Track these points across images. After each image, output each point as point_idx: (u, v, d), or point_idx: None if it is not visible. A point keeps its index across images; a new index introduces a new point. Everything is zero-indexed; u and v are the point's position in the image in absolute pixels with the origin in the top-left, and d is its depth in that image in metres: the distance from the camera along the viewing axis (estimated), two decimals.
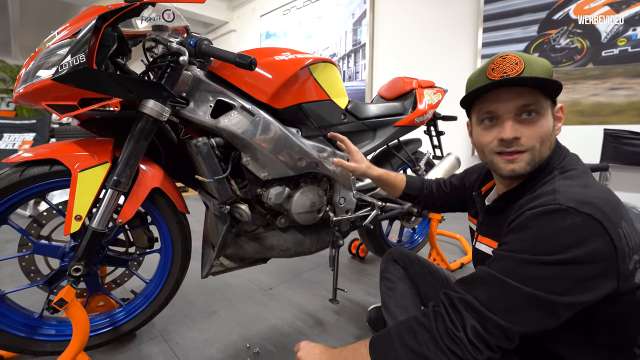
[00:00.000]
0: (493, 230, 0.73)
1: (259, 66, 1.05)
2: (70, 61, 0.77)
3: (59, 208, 0.98)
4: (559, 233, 0.51)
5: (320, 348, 0.69)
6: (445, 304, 0.57)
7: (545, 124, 0.63)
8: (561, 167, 0.63)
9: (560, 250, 0.50)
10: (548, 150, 0.64)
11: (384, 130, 1.45)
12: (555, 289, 0.50)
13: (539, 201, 0.56)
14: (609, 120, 2.57)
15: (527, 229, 0.54)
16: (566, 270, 0.50)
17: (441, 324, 0.55)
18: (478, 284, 0.56)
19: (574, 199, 0.53)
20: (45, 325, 1.02)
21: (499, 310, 0.52)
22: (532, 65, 0.62)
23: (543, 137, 0.63)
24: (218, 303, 1.48)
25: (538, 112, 0.62)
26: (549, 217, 0.53)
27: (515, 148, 0.64)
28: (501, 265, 0.55)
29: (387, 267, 1.07)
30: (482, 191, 0.84)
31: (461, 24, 3.29)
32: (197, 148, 0.98)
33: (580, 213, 0.51)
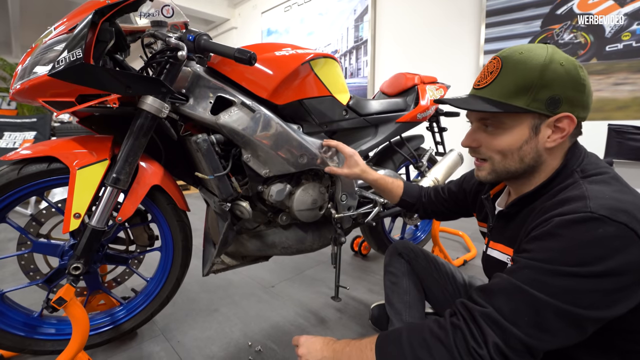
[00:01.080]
0: (507, 236, 0.69)
1: (259, 62, 1.03)
2: (66, 57, 0.76)
3: (57, 206, 0.97)
4: (591, 244, 0.47)
5: (321, 342, 0.66)
6: (464, 316, 0.53)
7: (506, 139, 0.61)
8: (582, 169, 0.60)
9: (593, 262, 0.47)
10: (517, 163, 0.62)
11: (386, 126, 1.44)
12: (585, 302, 0.47)
13: (568, 207, 0.52)
14: (613, 116, 2.54)
15: (556, 237, 0.50)
16: (598, 283, 0.47)
17: (460, 339, 0.51)
18: (500, 294, 0.52)
19: (607, 206, 0.49)
20: (44, 324, 1.01)
21: (524, 324, 0.48)
22: (505, 76, 0.59)
23: (502, 150, 0.62)
24: (220, 301, 1.47)
25: (497, 126, 0.62)
26: (580, 226, 0.48)
27: (477, 155, 0.66)
28: (526, 274, 0.51)
29: (392, 261, 1.05)
30: (490, 194, 0.80)
31: (464, 19, 3.26)
32: (197, 145, 0.97)
33: (614, 222, 0.47)
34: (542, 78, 0.57)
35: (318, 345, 0.65)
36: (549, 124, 0.59)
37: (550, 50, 0.59)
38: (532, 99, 0.57)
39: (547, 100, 0.57)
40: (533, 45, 0.61)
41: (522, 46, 0.61)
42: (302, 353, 0.65)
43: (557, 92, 0.57)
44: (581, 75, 0.57)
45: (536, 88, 0.57)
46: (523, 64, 0.58)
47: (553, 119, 0.58)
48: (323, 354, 0.63)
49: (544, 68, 0.57)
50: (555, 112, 0.58)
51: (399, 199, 1.05)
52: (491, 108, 0.60)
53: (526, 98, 0.58)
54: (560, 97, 0.57)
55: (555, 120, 0.58)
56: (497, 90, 0.60)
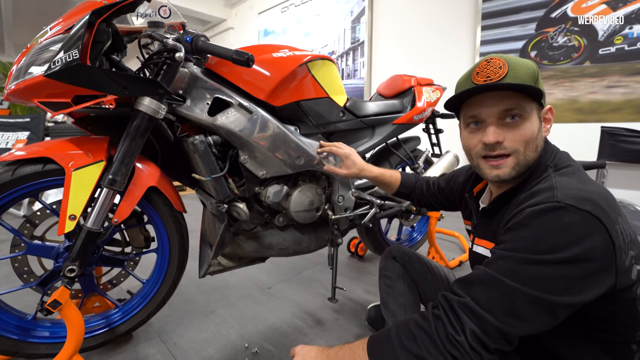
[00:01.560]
0: (489, 232, 0.72)
1: (257, 63, 1.03)
2: (63, 57, 0.75)
3: (52, 208, 0.96)
4: (558, 231, 0.50)
5: (316, 350, 0.68)
6: (444, 307, 0.57)
7: (530, 127, 0.63)
8: (554, 164, 0.64)
9: (560, 249, 0.50)
10: (534, 152, 0.64)
11: (382, 128, 1.44)
12: (555, 288, 0.50)
13: (538, 198, 0.55)
14: (606, 118, 2.57)
15: (526, 226, 0.54)
16: (566, 269, 0.49)
17: (441, 328, 0.54)
18: (477, 284, 0.55)
19: (573, 195, 0.52)
20: (39, 327, 1.00)
21: (499, 312, 0.51)
22: (516, 69, 0.61)
23: (527, 140, 0.63)
24: (216, 302, 1.46)
25: (521, 116, 0.62)
26: (548, 215, 0.52)
27: (499, 152, 0.64)
28: (500, 265, 0.54)
29: (387, 265, 1.06)
30: (474, 192, 0.83)
31: (460, 21, 3.28)
32: (194, 146, 0.97)
33: (579, 210, 0.50)
34: (536, 71, 0.63)
35: (312, 352, 0.68)
36: (543, 113, 0.65)
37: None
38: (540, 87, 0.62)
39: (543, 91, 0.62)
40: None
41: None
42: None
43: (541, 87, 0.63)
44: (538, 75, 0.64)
45: (538, 80, 0.63)
46: (519, 60, 0.63)
47: (545, 110, 0.65)
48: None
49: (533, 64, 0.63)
50: (544, 104, 0.65)
51: (396, 190, 1.10)
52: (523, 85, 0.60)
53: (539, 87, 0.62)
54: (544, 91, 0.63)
55: (545, 112, 0.65)
56: (520, 77, 0.61)
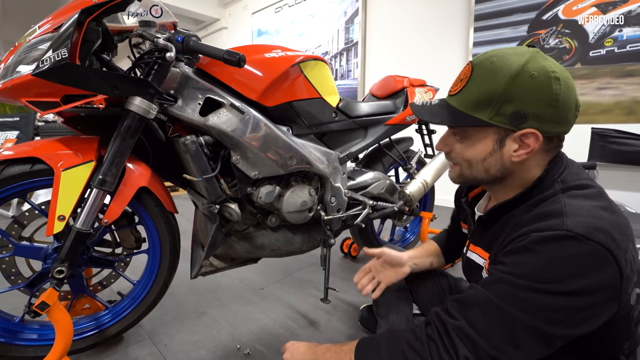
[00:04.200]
0: (484, 241, 0.69)
1: (249, 63, 1.03)
2: (51, 56, 0.75)
3: (41, 208, 0.95)
4: (566, 262, 0.48)
5: (305, 346, 0.69)
6: (438, 329, 0.55)
7: (471, 150, 0.61)
8: (562, 180, 0.58)
9: (566, 280, 0.47)
10: (483, 173, 0.62)
11: (375, 128, 1.45)
12: (556, 319, 0.48)
13: (546, 223, 0.51)
14: (596, 119, 2.61)
15: (531, 253, 0.50)
16: (570, 300, 0.47)
17: (435, 352, 0.53)
18: (474, 307, 0.53)
19: (584, 224, 0.48)
20: (26, 330, 0.99)
21: (495, 340, 0.50)
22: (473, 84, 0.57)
23: (469, 160, 0.62)
24: (208, 303, 1.46)
25: (462, 136, 0.62)
26: (556, 243, 0.48)
27: (449, 159, 0.67)
28: (500, 288, 0.51)
29: None
30: (469, 197, 0.81)
31: (452, 23, 3.31)
32: (186, 146, 0.96)
33: (590, 242, 0.47)
34: (507, 92, 0.53)
35: (301, 349, 0.68)
36: (514, 138, 0.56)
37: (527, 57, 0.54)
38: (495, 112, 0.55)
39: (511, 115, 0.54)
40: (512, 50, 0.56)
41: (500, 51, 0.57)
42: (287, 358, 0.69)
43: (523, 107, 0.53)
44: (554, 89, 0.53)
45: (499, 102, 0.54)
46: (491, 74, 0.55)
47: (518, 134, 0.55)
48: (304, 357, 0.66)
49: (511, 81, 0.53)
50: (520, 127, 0.55)
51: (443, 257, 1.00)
52: (450, 121, 0.59)
53: (489, 111, 0.55)
54: (526, 112, 0.53)
55: (521, 135, 0.56)
56: (463, 100, 0.58)
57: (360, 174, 1.47)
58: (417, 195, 1.51)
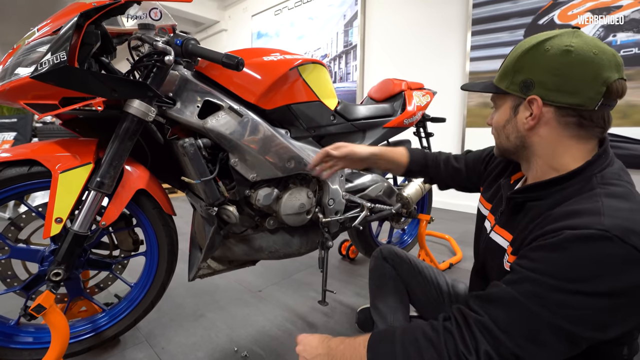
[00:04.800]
0: (511, 224, 0.68)
1: (248, 67, 1.04)
2: (50, 59, 0.75)
3: (38, 210, 0.95)
4: (598, 262, 0.47)
5: (317, 339, 0.68)
6: (459, 321, 0.54)
7: (497, 118, 0.69)
8: (602, 176, 0.57)
9: (597, 281, 0.46)
10: (505, 140, 0.68)
11: (373, 131, 1.45)
12: (583, 321, 0.47)
13: (581, 221, 0.49)
14: None
15: (563, 251, 0.49)
16: (599, 302, 0.47)
17: (451, 343, 0.52)
18: (498, 304, 0.52)
19: (621, 226, 0.47)
20: (22, 333, 0.98)
21: (518, 337, 0.49)
22: (505, 60, 0.66)
23: (496, 127, 0.69)
24: (206, 306, 1.45)
25: (495, 106, 0.71)
26: (590, 243, 0.47)
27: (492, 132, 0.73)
28: (526, 287, 0.50)
29: (377, 266, 1.06)
30: (511, 180, 0.78)
31: (450, 27, 3.33)
32: (184, 149, 0.96)
33: (625, 244, 0.46)
34: (519, 62, 0.61)
35: (314, 342, 0.67)
36: (525, 105, 0.62)
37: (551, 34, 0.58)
38: (510, 81, 0.63)
39: (520, 83, 0.61)
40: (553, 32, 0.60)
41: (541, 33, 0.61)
42: (299, 350, 0.68)
43: (530, 76, 0.59)
44: (560, 60, 0.56)
45: (512, 72, 0.62)
46: (515, 50, 0.63)
47: (526, 101, 0.61)
48: (318, 351, 0.65)
49: (525, 53, 0.60)
50: (527, 95, 0.60)
51: (404, 169, 1.03)
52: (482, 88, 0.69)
53: (507, 81, 0.63)
54: (532, 80, 0.59)
55: (528, 102, 0.60)
56: (497, 75, 0.67)
57: (358, 176, 1.47)
58: (415, 197, 1.52)
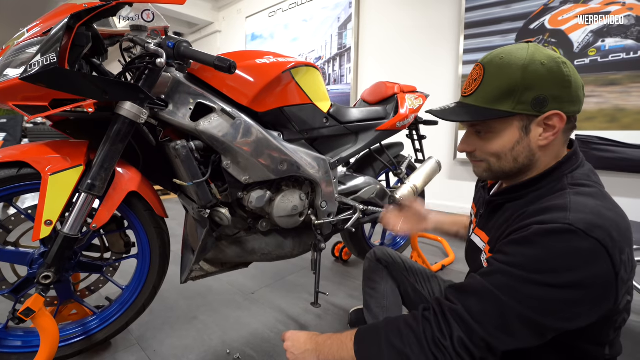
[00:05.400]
0: (488, 226, 0.71)
1: (240, 69, 1.04)
2: (40, 60, 0.74)
3: (28, 213, 0.94)
4: (564, 255, 0.49)
5: (306, 335, 0.69)
6: (435, 310, 0.57)
7: (499, 142, 0.62)
8: (572, 176, 0.60)
9: (562, 272, 0.49)
10: (511, 163, 0.63)
11: (366, 134, 1.46)
12: (549, 311, 0.50)
13: (549, 216, 0.53)
14: (581, 126, 2.68)
15: (532, 244, 0.52)
16: (564, 293, 0.49)
17: (429, 329, 0.55)
18: (472, 294, 0.55)
19: (585, 220, 0.50)
20: (10, 337, 0.97)
21: (489, 325, 0.52)
22: (489, 82, 0.60)
23: (496, 153, 0.63)
24: (199, 308, 1.45)
25: (487, 131, 0.63)
26: (556, 236, 0.50)
27: (473, 159, 0.68)
28: (498, 279, 0.53)
29: (370, 267, 1.07)
30: (488, 183, 0.82)
31: (443, 30, 3.37)
32: (176, 151, 0.96)
33: (589, 237, 0.48)
34: (525, 80, 0.57)
35: (302, 338, 0.69)
36: (539, 122, 0.59)
37: (530, 50, 0.58)
38: (517, 101, 0.58)
39: (532, 101, 0.57)
40: (514, 47, 0.60)
41: (503, 50, 0.61)
42: (287, 346, 0.69)
43: (542, 92, 0.57)
44: (564, 72, 0.57)
45: (519, 91, 0.57)
46: (504, 69, 0.59)
47: (542, 118, 0.58)
48: (306, 347, 0.67)
49: (525, 70, 0.57)
50: (542, 112, 0.58)
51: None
52: (476, 117, 0.61)
53: (511, 102, 0.58)
54: (546, 96, 0.57)
55: (544, 119, 0.58)
56: (482, 97, 0.61)
57: (351, 178, 1.48)
58: (408, 200, 1.53)
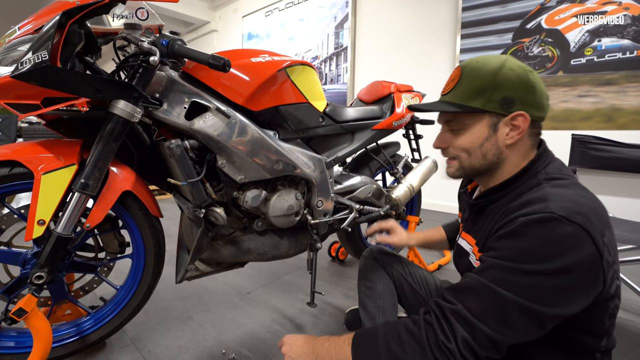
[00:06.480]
0: (474, 229, 0.74)
1: (235, 68, 1.04)
2: (31, 58, 0.74)
3: (20, 212, 0.93)
4: (549, 242, 0.51)
5: (303, 338, 0.70)
6: (436, 313, 0.57)
7: (469, 138, 0.67)
8: (546, 172, 0.64)
9: (550, 259, 0.51)
10: (481, 159, 0.68)
11: (362, 133, 1.46)
12: (544, 298, 0.51)
13: (531, 208, 0.56)
14: (578, 126, 2.69)
15: (520, 235, 0.54)
16: (555, 280, 0.51)
17: (431, 334, 0.55)
18: (469, 293, 0.56)
19: (565, 207, 0.53)
20: (2, 337, 0.96)
21: (491, 321, 0.52)
22: (465, 81, 0.66)
23: (467, 149, 0.68)
24: (194, 308, 1.44)
25: (460, 127, 0.68)
26: (541, 225, 0.53)
27: (446, 155, 0.73)
28: (492, 274, 0.55)
29: (366, 266, 1.07)
30: (468, 189, 0.85)
31: (440, 30, 3.37)
32: (170, 150, 0.96)
33: (571, 223, 0.51)
34: (495, 81, 0.63)
35: (300, 342, 0.69)
36: (505, 122, 0.64)
37: (503, 58, 0.65)
38: (487, 99, 0.63)
39: (501, 101, 0.63)
40: (490, 55, 0.68)
41: (481, 56, 0.68)
42: (285, 350, 0.70)
43: (509, 93, 0.62)
44: (531, 79, 0.63)
45: (490, 90, 0.63)
46: (478, 70, 0.65)
47: (509, 118, 0.63)
48: (303, 350, 0.67)
49: (496, 73, 0.63)
50: (509, 111, 0.63)
51: (447, 242, 1.08)
52: (452, 109, 0.67)
53: (482, 99, 0.64)
54: (513, 97, 0.62)
55: (510, 119, 0.63)
56: (458, 94, 0.67)
57: (347, 178, 1.48)
58: (404, 199, 1.53)
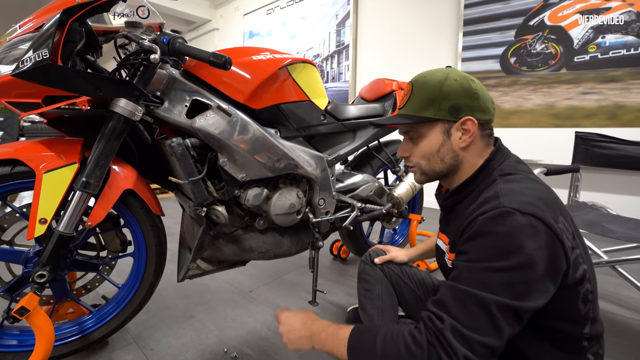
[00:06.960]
0: (447, 228, 0.78)
1: (237, 66, 1.03)
2: (32, 56, 0.74)
3: (22, 211, 0.93)
4: (509, 235, 0.54)
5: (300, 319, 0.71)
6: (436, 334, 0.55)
7: (427, 145, 0.72)
8: (501, 168, 0.68)
9: (515, 253, 0.52)
10: (440, 164, 0.72)
11: (364, 131, 1.46)
12: (518, 293, 0.52)
13: (487, 206, 0.59)
14: (581, 124, 2.67)
15: (482, 235, 0.57)
16: (522, 273, 0.52)
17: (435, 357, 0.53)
18: (453, 303, 0.55)
19: (516, 200, 0.56)
20: (5, 336, 0.96)
21: (480, 327, 0.53)
22: (416, 95, 0.72)
23: (425, 155, 0.73)
24: (196, 307, 1.44)
25: (417, 136, 0.74)
26: (498, 220, 0.55)
27: (408, 164, 0.78)
28: (467, 277, 0.56)
29: (365, 268, 1.07)
30: (442, 191, 0.88)
31: (442, 27, 3.35)
32: (172, 149, 0.96)
33: (524, 214, 0.54)
34: (442, 92, 0.69)
35: (297, 324, 0.71)
36: (457, 127, 0.69)
37: (447, 71, 0.71)
38: (437, 109, 0.69)
39: (449, 109, 0.68)
40: (434, 69, 0.74)
41: (427, 71, 0.74)
42: (283, 330, 0.71)
43: (456, 101, 0.68)
44: (473, 87, 0.69)
45: (438, 100, 0.69)
46: (426, 84, 0.71)
47: (459, 123, 0.69)
48: (301, 333, 0.69)
49: (442, 84, 0.69)
50: (458, 117, 0.69)
51: None
52: (407, 120, 0.72)
53: (433, 109, 0.69)
54: (460, 104, 0.68)
55: (460, 124, 0.69)
56: (412, 107, 0.72)
57: (349, 176, 1.48)
58: (406, 197, 1.53)
